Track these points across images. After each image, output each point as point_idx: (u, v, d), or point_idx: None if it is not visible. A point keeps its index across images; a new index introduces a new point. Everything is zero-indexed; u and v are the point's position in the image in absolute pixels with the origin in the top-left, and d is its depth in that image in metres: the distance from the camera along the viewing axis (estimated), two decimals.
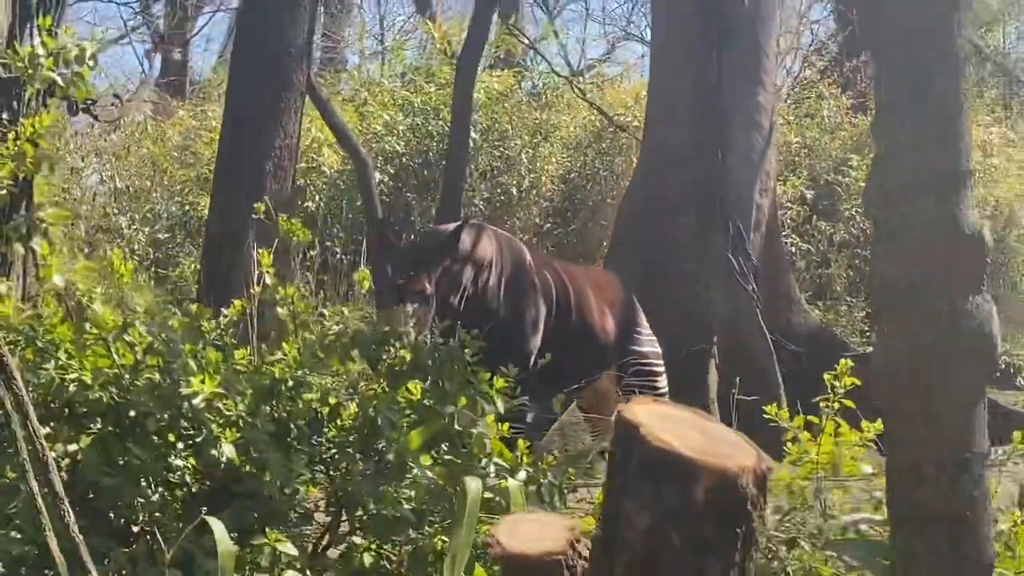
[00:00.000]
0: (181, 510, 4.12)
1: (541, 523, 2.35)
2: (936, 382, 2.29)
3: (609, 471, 2.16)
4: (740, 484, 2.07)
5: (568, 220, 15.23)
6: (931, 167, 2.34)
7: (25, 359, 4.17)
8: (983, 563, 2.36)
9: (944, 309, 2.28)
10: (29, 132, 4.64)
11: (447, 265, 6.07)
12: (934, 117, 2.37)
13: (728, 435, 2.19)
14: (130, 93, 17.57)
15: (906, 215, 2.34)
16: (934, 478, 2.33)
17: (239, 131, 9.35)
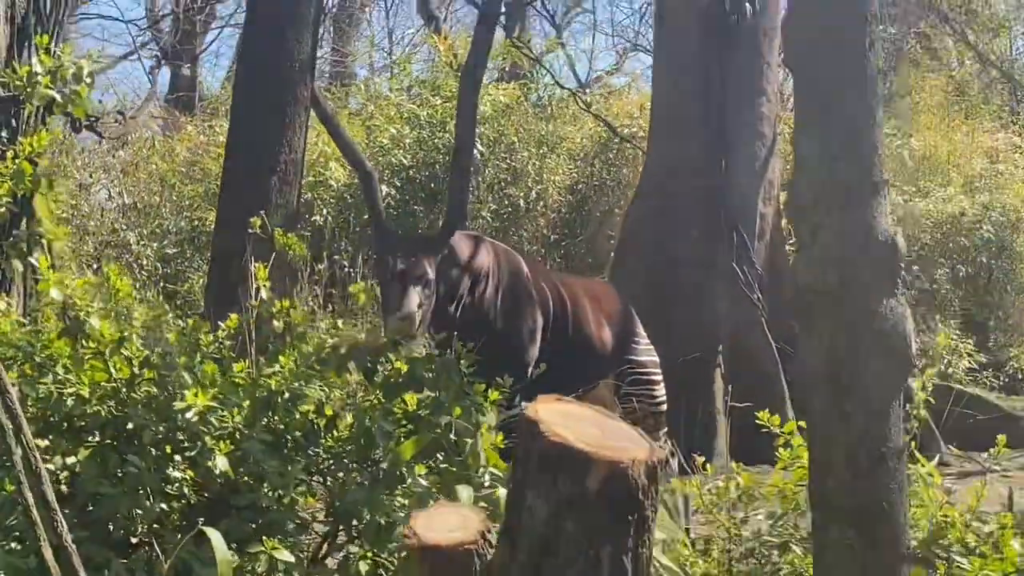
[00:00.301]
0: (179, 521, 4.18)
1: (458, 515, 2.45)
2: (851, 382, 2.37)
3: (513, 465, 2.28)
4: (631, 475, 2.19)
5: (576, 231, 15.28)
6: (841, 179, 2.41)
7: (24, 373, 4.23)
8: (899, 553, 2.43)
9: (858, 312, 2.35)
10: (27, 151, 4.70)
11: (445, 269, 6.12)
12: (842, 132, 2.44)
13: (625, 431, 2.31)
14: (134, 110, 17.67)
15: (818, 224, 2.42)
16: (845, 473, 2.40)
17: (245, 146, 9.42)
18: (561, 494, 2.17)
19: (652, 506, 2.22)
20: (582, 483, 2.15)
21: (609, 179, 15.35)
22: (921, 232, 14.55)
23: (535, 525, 2.18)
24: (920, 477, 4.66)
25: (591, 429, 2.23)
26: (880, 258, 2.38)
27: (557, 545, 2.16)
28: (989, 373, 13.41)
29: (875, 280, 2.37)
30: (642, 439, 2.27)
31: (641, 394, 7.06)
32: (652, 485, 2.22)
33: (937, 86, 18.11)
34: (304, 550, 4.45)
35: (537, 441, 2.19)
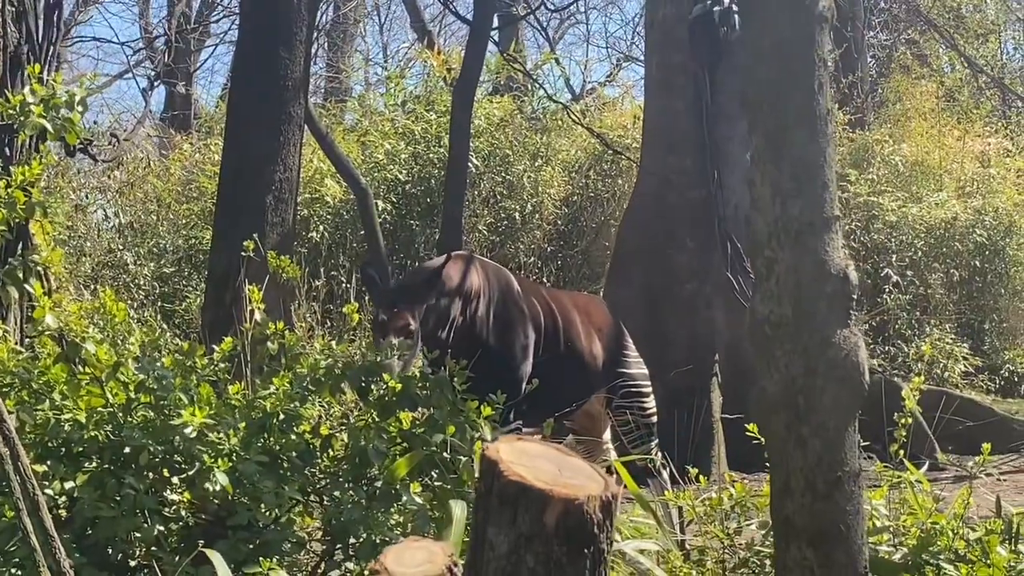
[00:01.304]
0: (177, 543, 4.22)
1: (427, 550, 2.52)
2: (807, 409, 2.44)
3: (476, 502, 2.36)
4: (585, 510, 2.28)
5: (571, 243, 15.35)
6: (794, 215, 2.48)
7: (22, 400, 4.28)
8: (857, 572, 2.50)
9: (813, 342, 2.42)
10: (20, 180, 4.76)
11: (433, 302, 6.18)
12: (794, 170, 2.50)
13: (582, 467, 2.41)
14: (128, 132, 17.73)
15: (773, 258, 2.49)
16: (804, 497, 2.47)
17: (239, 165, 9.48)
18: (520, 530, 2.27)
19: (607, 539, 2.32)
20: (540, 519, 2.26)
21: (604, 191, 15.42)
22: (915, 237, 14.61)
23: (497, 559, 2.27)
24: (909, 484, 4.71)
25: (549, 467, 2.33)
26: (833, 290, 2.45)
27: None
28: (984, 376, 13.47)
29: (829, 312, 2.44)
30: (598, 475, 2.36)
31: (632, 406, 7.12)
32: (607, 519, 2.32)
33: (928, 92, 18.17)
34: (301, 569, 4.50)
35: (497, 480, 2.29)
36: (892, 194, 14.96)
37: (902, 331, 13.80)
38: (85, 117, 5.22)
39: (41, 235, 5.27)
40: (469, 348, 5.86)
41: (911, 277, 14.29)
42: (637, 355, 7.28)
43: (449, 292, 6.29)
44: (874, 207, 14.62)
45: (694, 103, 10.60)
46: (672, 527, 5.31)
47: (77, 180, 14.72)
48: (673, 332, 10.29)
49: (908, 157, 15.88)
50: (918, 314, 14.18)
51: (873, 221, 14.64)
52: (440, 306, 6.24)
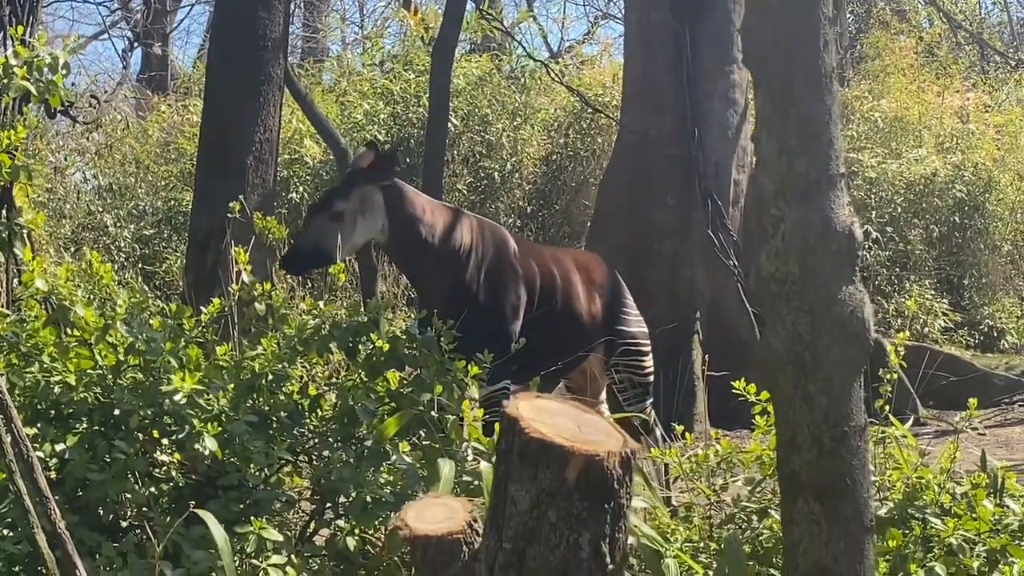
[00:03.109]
0: (168, 504, 4.24)
1: (447, 507, 2.55)
2: (813, 365, 2.47)
3: (497, 459, 2.38)
4: (606, 466, 2.31)
5: (551, 202, 15.36)
6: (800, 173, 2.50)
7: (11, 363, 4.28)
8: (863, 525, 2.55)
9: (819, 299, 2.45)
10: (4, 144, 4.74)
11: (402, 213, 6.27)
12: (800, 129, 2.52)
13: (601, 424, 2.44)
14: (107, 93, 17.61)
15: (779, 217, 2.51)
16: (810, 452, 2.51)
17: (219, 126, 9.43)
18: (542, 486, 2.30)
19: (627, 494, 2.36)
20: (561, 475, 2.29)
21: (583, 149, 15.42)
22: (894, 194, 14.65)
23: (518, 515, 2.31)
24: (894, 439, 4.75)
25: (568, 424, 2.36)
26: (839, 247, 2.47)
27: (539, 533, 2.29)
28: (964, 332, 13.56)
29: (834, 269, 2.47)
30: (616, 432, 2.39)
31: (630, 365, 7.09)
32: (626, 475, 2.35)
33: (907, 47, 18.17)
34: (292, 528, 4.52)
35: (518, 437, 2.32)
36: (871, 150, 15.01)
37: (882, 287, 13.87)
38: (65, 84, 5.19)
39: (23, 199, 5.25)
40: (459, 306, 5.85)
41: (891, 233, 14.35)
42: (637, 313, 7.25)
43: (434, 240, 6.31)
44: (853, 163, 14.65)
45: (674, 60, 10.62)
46: (659, 484, 5.36)
47: (56, 142, 14.63)
48: (654, 290, 10.31)
49: (887, 113, 15.91)
50: (898, 270, 14.24)
51: (853, 177, 14.66)
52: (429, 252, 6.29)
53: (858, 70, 18.75)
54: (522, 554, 2.31)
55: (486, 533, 2.41)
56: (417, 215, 6.35)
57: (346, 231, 6.21)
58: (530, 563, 2.30)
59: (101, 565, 3.90)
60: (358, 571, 4.22)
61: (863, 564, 2.59)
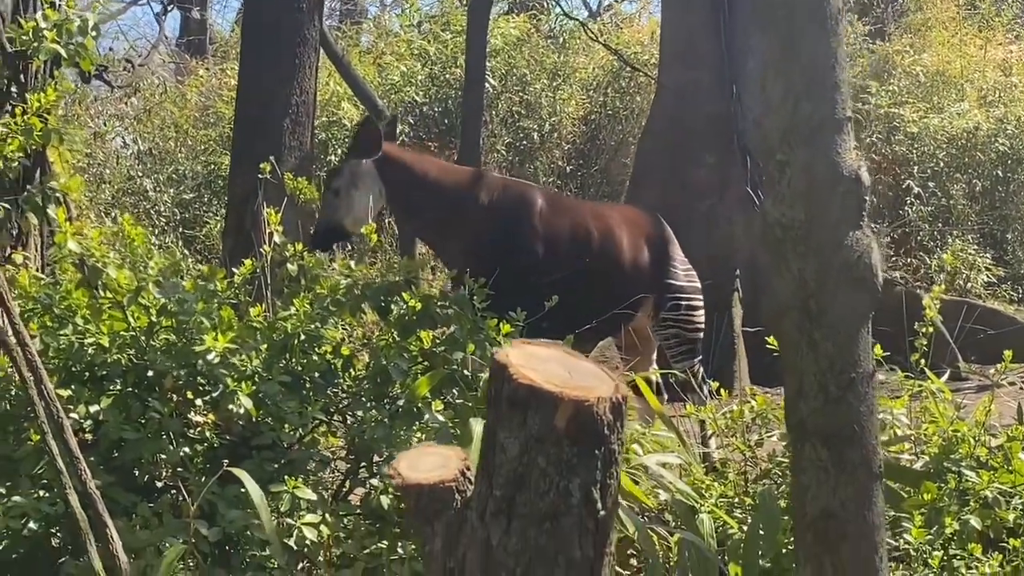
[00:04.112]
0: (202, 464, 4.27)
1: (440, 455, 2.55)
2: (819, 311, 2.44)
3: (487, 405, 2.38)
4: (596, 412, 2.30)
5: (590, 161, 15.30)
6: (805, 117, 2.46)
7: (45, 325, 4.31)
8: (871, 472, 2.52)
9: (825, 245, 2.41)
10: (36, 107, 4.76)
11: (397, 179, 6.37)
12: (805, 71, 2.48)
13: (592, 370, 2.43)
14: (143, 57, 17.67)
15: (784, 161, 2.47)
16: (817, 399, 2.48)
17: (256, 89, 9.44)
18: (530, 432, 2.30)
19: (618, 440, 2.34)
20: (550, 421, 2.28)
21: (622, 108, 15.34)
22: (936, 148, 14.48)
23: (508, 462, 2.30)
24: (930, 393, 4.72)
25: (558, 369, 2.35)
26: (846, 191, 2.44)
27: (529, 480, 2.29)
28: (1007, 286, 13.40)
29: (841, 213, 2.43)
30: (608, 377, 2.38)
31: (679, 320, 7.03)
32: (618, 420, 2.34)
33: (948, 0, 17.93)
34: (326, 488, 4.54)
35: (507, 383, 2.32)
36: (913, 105, 14.82)
37: (924, 243, 13.74)
38: (101, 44, 5.20)
39: (59, 163, 5.28)
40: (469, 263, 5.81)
41: (933, 188, 14.19)
42: (688, 267, 7.19)
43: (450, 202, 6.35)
44: (895, 118, 14.49)
45: (712, 17, 10.52)
46: (696, 441, 5.35)
47: (95, 108, 14.70)
48: (692, 248, 10.17)
49: (929, 67, 15.71)
50: (940, 225, 14.10)
51: (894, 133, 14.52)
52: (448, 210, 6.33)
53: (899, 24, 18.51)
54: (512, 500, 2.31)
55: (477, 481, 2.41)
56: (417, 179, 6.43)
57: (345, 205, 6.43)
58: (520, 509, 2.30)
59: (137, 525, 3.93)
60: (392, 529, 4.23)
61: (871, 511, 2.57)
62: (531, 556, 2.33)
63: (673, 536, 4.26)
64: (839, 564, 2.56)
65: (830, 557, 2.56)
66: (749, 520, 4.23)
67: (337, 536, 4.14)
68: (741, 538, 4.22)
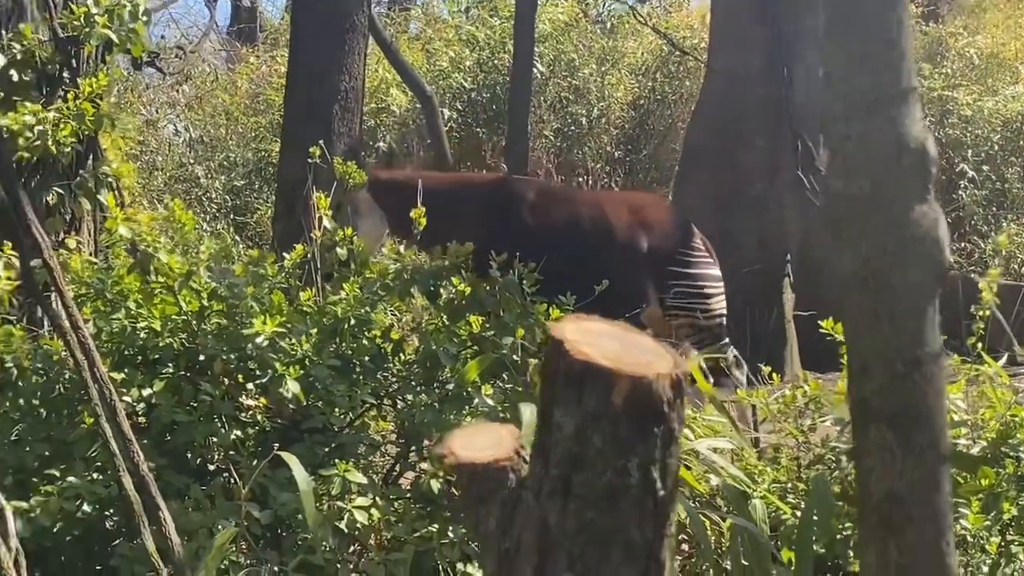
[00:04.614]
0: (254, 447, 4.29)
1: (494, 433, 2.51)
2: (884, 288, 2.38)
3: (542, 383, 2.34)
4: (655, 389, 2.24)
5: (639, 146, 15.24)
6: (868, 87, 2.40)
7: (97, 309, 4.34)
8: (938, 453, 2.46)
9: (890, 219, 2.35)
10: (88, 92, 4.79)
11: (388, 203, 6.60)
12: (866, 41, 2.42)
13: (650, 345, 2.35)
14: (194, 44, 17.75)
15: (847, 133, 2.41)
16: (882, 378, 2.42)
17: (305, 76, 9.47)
18: (587, 410, 2.23)
19: (678, 417, 2.27)
20: (607, 399, 2.22)
21: (671, 93, 15.26)
22: (991, 131, 14.30)
23: (564, 440, 2.25)
24: (987, 378, 4.66)
25: (615, 345, 2.29)
26: (910, 165, 2.37)
27: (585, 459, 2.23)
28: None
29: (907, 187, 2.36)
30: (666, 353, 2.32)
31: (688, 307, 6.97)
32: (677, 397, 2.27)
33: None
34: (376, 471, 4.55)
35: (562, 359, 2.25)
36: (967, 88, 14.64)
37: (978, 227, 13.58)
38: (152, 32, 5.24)
39: (112, 149, 5.31)
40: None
41: (987, 172, 14.02)
42: (704, 255, 7.12)
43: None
44: (948, 101, 14.32)
45: (762, 0, 10.44)
46: (747, 426, 5.31)
47: (147, 96, 14.80)
48: (743, 233, 10.22)
49: (983, 49, 15.51)
50: (995, 209, 13.92)
51: (948, 116, 14.34)
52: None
53: (952, 6, 18.29)
54: (568, 480, 2.25)
55: (533, 460, 2.36)
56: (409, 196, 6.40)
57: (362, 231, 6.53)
58: (577, 489, 2.24)
59: (189, 507, 3.95)
60: (443, 513, 4.23)
61: (938, 494, 2.50)
62: (588, 537, 2.28)
63: (725, 521, 4.23)
64: (904, 548, 2.50)
65: (895, 540, 2.50)
66: (802, 506, 4.19)
67: (387, 520, 4.15)
68: (794, 524, 4.18)
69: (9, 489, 3.87)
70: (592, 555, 2.28)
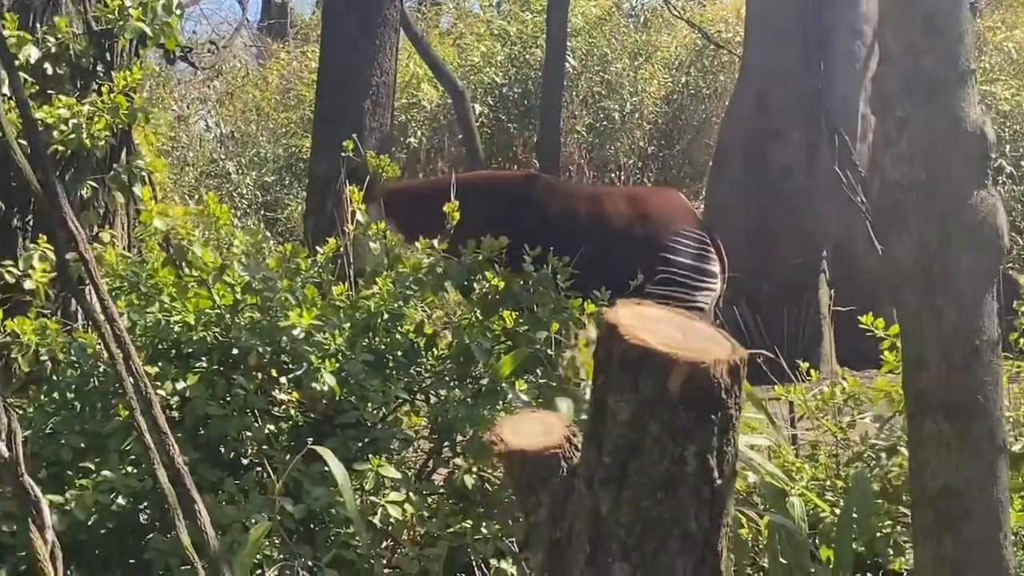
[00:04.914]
0: (287, 441, 4.27)
1: (543, 421, 2.46)
2: (942, 276, 2.32)
3: (595, 368, 2.29)
4: (712, 375, 2.19)
5: (673, 141, 15.16)
6: (926, 70, 2.34)
7: (132, 303, 4.33)
8: (996, 445, 2.40)
9: (948, 206, 2.29)
10: (122, 85, 4.78)
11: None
12: (923, 23, 2.36)
13: (706, 331, 2.31)
14: (226, 39, 17.79)
15: (903, 118, 2.35)
16: (939, 368, 2.37)
17: (336, 71, 9.46)
18: (643, 396, 2.19)
19: (736, 404, 2.22)
20: (663, 385, 2.17)
21: (705, 87, 15.17)
22: None
23: (619, 427, 2.20)
24: None
25: (671, 331, 2.24)
26: (969, 149, 2.32)
27: (642, 446, 2.19)
28: None
29: (965, 172, 2.31)
30: (724, 339, 2.27)
31: (671, 296, 6.86)
32: (735, 384, 2.23)
33: None
34: (410, 466, 4.52)
35: (617, 344, 2.20)
36: (1005, 82, 14.49)
37: (1016, 223, 13.45)
38: (184, 27, 5.23)
39: (144, 144, 5.30)
40: None
41: None
42: (700, 246, 7.01)
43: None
44: (986, 96, 14.17)
45: None
46: (783, 423, 5.26)
47: (178, 91, 14.83)
48: (778, 228, 10.14)
49: (1021, 43, 15.36)
50: None
51: (985, 111, 14.19)
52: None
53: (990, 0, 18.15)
54: (624, 468, 2.21)
55: (585, 447, 2.31)
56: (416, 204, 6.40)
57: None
58: (632, 477, 2.20)
59: (223, 501, 3.94)
60: (476, 509, 4.21)
61: (996, 487, 2.45)
62: (643, 527, 2.23)
63: (763, 519, 4.18)
64: (960, 543, 2.45)
65: (951, 536, 2.44)
66: (841, 503, 4.14)
67: (421, 515, 4.12)
68: (833, 521, 4.13)
69: (45, 482, 3.86)
70: (648, 545, 2.23)
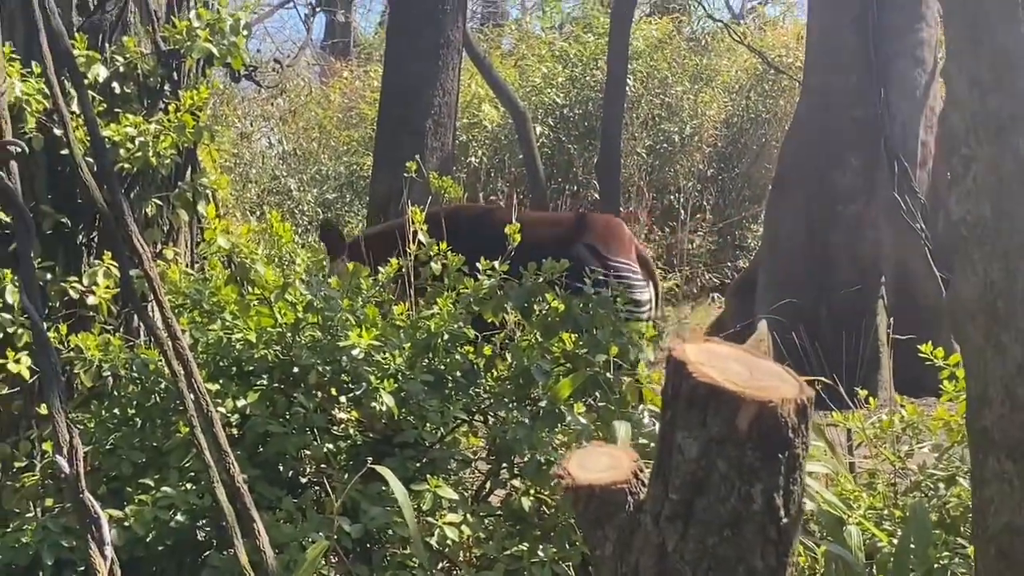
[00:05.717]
0: (346, 461, 4.28)
1: (611, 455, 2.47)
2: (1007, 314, 2.30)
3: (663, 405, 2.29)
4: (780, 414, 2.19)
5: (732, 165, 15.13)
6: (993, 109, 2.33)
7: (194, 320, 4.37)
8: None
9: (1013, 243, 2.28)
10: (188, 104, 4.84)
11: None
12: (993, 61, 2.35)
13: (773, 369, 2.30)
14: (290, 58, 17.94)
15: (969, 156, 2.35)
16: (1003, 406, 2.34)
17: (399, 90, 9.53)
18: (711, 433, 2.19)
19: (803, 444, 2.22)
20: (731, 422, 2.17)
21: (765, 111, 15.14)
22: None
23: (686, 463, 2.21)
24: None
25: (738, 368, 2.25)
26: None
27: (708, 484, 2.19)
28: None
29: None
30: (792, 378, 2.27)
31: None
32: (802, 423, 2.22)
33: None
34: (467, 488, 4.52)
35: (685, 381, 2.21)
36: None
37: None
38: (249, 45, 5.27)
39: (209, 161, 5.36)
40: None
41: None
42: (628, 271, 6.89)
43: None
44: None
45: (860, 19, 10.30)
46: (841, 450, 5.21)
47: (242, 108, 14.98)
48: (837, 253, 10.10)
49: None
50: None
51: None
52: None
53: None
54: (690, 505, 2.21)
55: (651, 483, 2.31)
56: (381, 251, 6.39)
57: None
58: (699, 515, 2.20)
59: (281, 519, 3.96)
60: (533, 531, 4.20)
61: None
62: (709, 564, 2.23)
63: (820, 548, 4.15)
64: None
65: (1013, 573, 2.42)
66: (899, 533, 4.10)
67: (478, 537, 4.12)
68: (890, 552, 4.08)
69: (104, 497, 3.90)
70: None
